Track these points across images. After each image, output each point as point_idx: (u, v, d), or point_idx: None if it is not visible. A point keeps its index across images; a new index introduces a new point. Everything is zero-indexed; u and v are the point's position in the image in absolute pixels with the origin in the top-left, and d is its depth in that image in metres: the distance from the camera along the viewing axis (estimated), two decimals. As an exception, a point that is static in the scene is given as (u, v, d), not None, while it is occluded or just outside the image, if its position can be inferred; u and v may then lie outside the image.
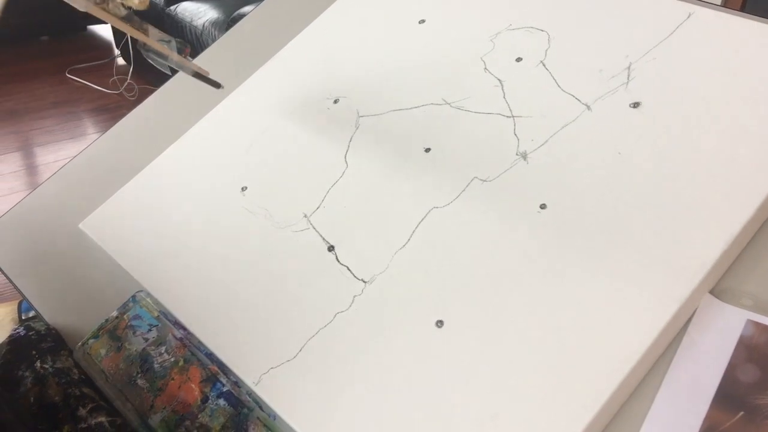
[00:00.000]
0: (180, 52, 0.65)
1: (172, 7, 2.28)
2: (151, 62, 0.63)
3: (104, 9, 0.57)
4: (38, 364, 0.65)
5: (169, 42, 0.64)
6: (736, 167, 0.55)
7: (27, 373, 0.65)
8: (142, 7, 0.60)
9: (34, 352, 0.67)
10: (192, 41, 2.19)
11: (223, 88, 0.68)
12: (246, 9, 1.89)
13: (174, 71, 0.63)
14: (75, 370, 0.66)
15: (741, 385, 0.49)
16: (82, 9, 0.55)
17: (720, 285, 0.54)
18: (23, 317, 1.03)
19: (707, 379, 0.50)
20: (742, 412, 0.48)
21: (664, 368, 0.51)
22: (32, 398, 0.63)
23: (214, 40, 1.98)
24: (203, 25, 2.14)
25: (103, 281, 0.74)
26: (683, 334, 0.52)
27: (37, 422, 0.62)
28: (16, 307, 1.06)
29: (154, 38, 0.63)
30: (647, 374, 0.51)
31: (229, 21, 2.03)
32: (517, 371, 0.52)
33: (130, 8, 0.59)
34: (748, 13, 0.66)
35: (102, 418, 0.61)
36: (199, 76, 0.67)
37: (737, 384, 0.49)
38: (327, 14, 0.87)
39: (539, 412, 0.50)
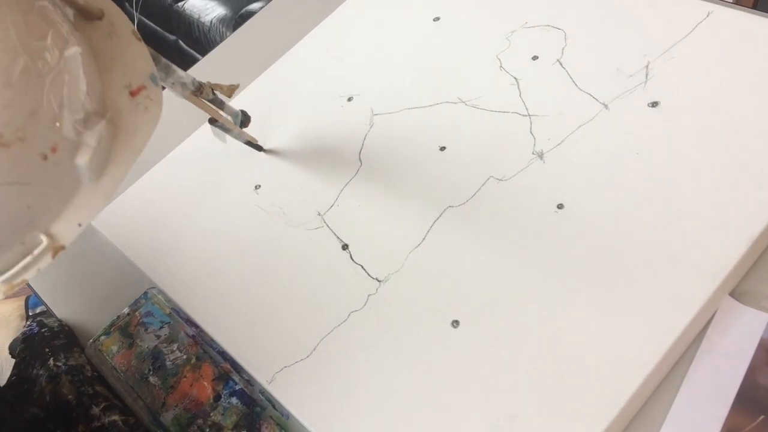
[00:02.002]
0: (243, 125, 0.70)
1: (180, 4, 2.27)
2: (213, 133, 0.68)
3: (198, 97, 0.63)
4: (51, 362, 0.65)
5: (237, 116, 0.69)
6: (757, 167, 0.55)
7: (41, 372, 0.65)
8: (229, 94, 0.66)
9: (47, 350, 0.66)
10: (199, 38, 2.18)
11: (264, 151, 0.74)
12: (254, 6, 1.88)
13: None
14: (88, 367, 0.65)
15: (761, 389, 0.49)
16: (180, 97, 0.61)
17: (740, 287, 0.53)
18: (30, 313, 1.03)
19: (727, 382, 0.49)
20: (762, 416, 0.47)
21: (683, 371, 0.51)
22: (47, 397, 0.63)
23: (221, 37, 1.97)
24: (211, 22, 2.14)
25: (114, 277, 0.73)
26: (703, 336, 0.51)
27: (52, 421, 0.61)
28: (23, 302, 1.06)
29: (228, 113, 0.68)
30: (666, 377, 0.51)
31: (237, 18, 2.03)
32: (535, 372, 0.51)
33: (215, 94, 0.65)
34: (760, 10, 0.65)
35: (115, 417, 0.60)
36: (249, 143, 0.73)
37: (758, 387, 0.49)
38: (340, 11, 0.87)
39: (558, 414, 0.49)
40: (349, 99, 0.75)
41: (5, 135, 0.37)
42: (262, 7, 1.04)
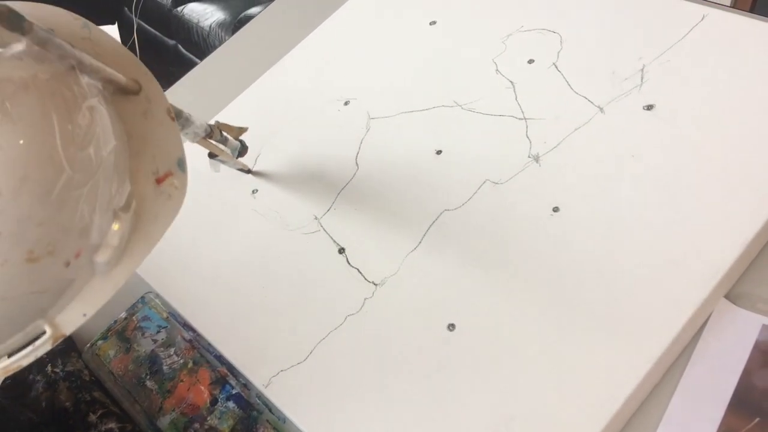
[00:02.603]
0: (239, 155, 0.70)
1: (179, 8, 2.28)
2: (210, 165, 0.69)
3: (208, 140, 0.63)
4: (49, 368, 0.65)
5: (235, 148, 0.69)
6: (752, 170, 0.55)
7: (38, 377, 0.65)
8: (237, 136, 0.67)
9: (44, 356, 0.66)
10: (199, 42, 2.19)
11: (252, 173, 0.75)
12: (253, 10, 1.88)
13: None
14: (86, 372, 0.65)
15: (757, 391, 0.49)
16: (192, 142, 0.61)
17: (735, 290, 0.53)
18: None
19: (722, 384, 0.50)
20: (758, 418, 0.47)
21: (678, 373, 0.51)
22: (44, 403, 0.63)
23: (221, 42, 1.98)
24: (210, 27, 2.14)
25: (111, 282, 0.73)
26: (698, 339, 0.51)
27: (49, 429, 0.61)
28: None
29: (228, 146, 0.68)
30: (662, 379, 0.51)
31: (236, 23, 2.03)
32: (532, 375, 0.51)
33: (222, 134, 0.65)
34: (757, 13, 0.65)
35: (112, 425, 0.60)
36: (242, 170, 0.74)
37: (753, 389, 0.49)
38: (336, 16, 0.87)
39: (554, 416, 0.49)
40: (346, 103, 0.75)
41: (36, 251, 0.36)
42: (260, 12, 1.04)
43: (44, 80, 0.37)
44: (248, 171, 0.74)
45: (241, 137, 0.69)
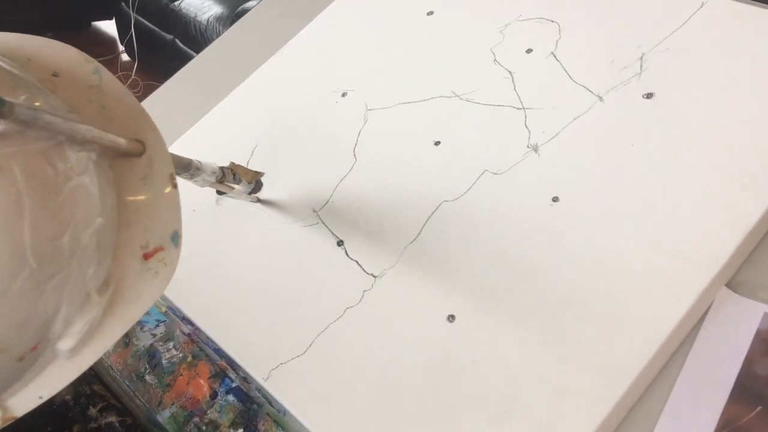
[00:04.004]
0: (253, 191, 0.68)
1: (176, 3, 2.27)
2: (217, 201, 0.67)
3: (220, 183, 0.60)
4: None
5: (249, 187, 0.67)
6: (752, 158, 0.55)
7: None
8: (250, 180, 0.64)
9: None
10: (196, 36, 2.18)
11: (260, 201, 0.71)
12: (250, 3, 1.88)
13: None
14: (85, 366, 0.65)
15: (758, 379, 0.48)
16: (202, 188, 0.59)
17: (736, 278, 0.53)
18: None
19: (724, 373, 0.49)
20: (760, 407, 0.47)
21: (680, 362, 0.50)
22: None
23: (218, 36, 1.97)
24: (207, 21, 2.13)
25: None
26: (699, 327, 0.51)
27: (48, 421, 0.61)
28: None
29: (245, 187, 0.66)
30: (663, 368, 0.50)
31: (233, 16, 2.02)
32: (532, 366, 0.51)
33: (236, 176, 0.63)
34: (760, 1, 0.65)
35: (112, 418, 0.60)
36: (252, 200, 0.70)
37: (755, 377, 0.48)
38: (333, 7, 0.86)
39: (555, 407, 0.49)
40: (344, 94, 0.75)
41: None
42: (257, 4, 1.04)
43: (23, 161, 0.33)
44: (257, 200, 0.70)
45: (258, 178, 0.67)
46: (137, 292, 0.38)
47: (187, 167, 0.53)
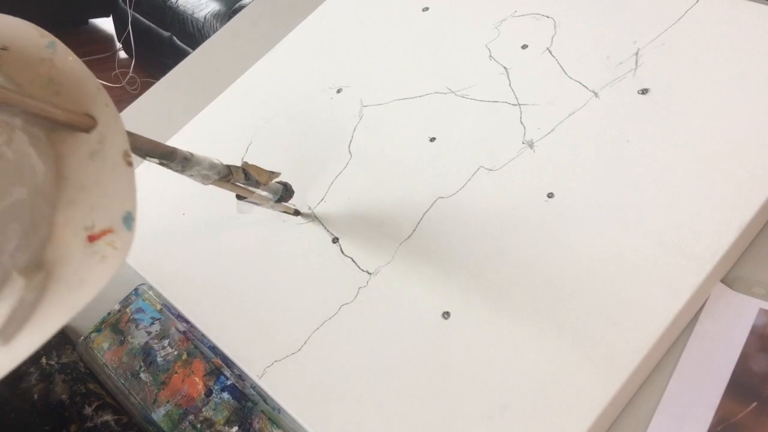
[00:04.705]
0: (281, 200, 0.62)
1: (174, 0, 2.26)
2: (238, 208, 0.60)
3: (227, 182, 0.55)
4: (44, 360, 0.65)
5: (276, 192, 0.61)
6: (747, 153, 0.54)
7: (32, 369, 0.64)
8: (265, 181, 0.58)
9: (39, 348, 0.66)
10: (194, 34, 2.18)
11: (300, 214, 0.67)
12: (247, 0, 1.87)
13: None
14: (80, 363, 0.65)
15: (754, 375, 0.48)
16: (205, 185, 0.54)
17: (732, 274, 0.53)
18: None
19: (719, 369, 0.49)
20: (755, 403, 0.47)
21: (675, 358, 0.50)
22: (36, 395, 0.63)
23: (215, 33, 1.97)
24: (205, 18, 2.13)
25: (105, 275, 0.73)
26: (695, 323, 0.51)
27: (44, 420, 0.61)
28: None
29: (266, 189, 0.60)
30: (659, 364, 0.50)
31: (230, 13, 2.02)
32: (526, 362, 0.51)
33: (250, 177, 0.57)
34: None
35: (108, 417, 0.60)
36: (286, 210, 0.65)
37: (750, 374, 0.48)
38: (329, 3, 0.86)
39: (549, 403, 0.49)
40: (339, 91, 0.75)
41: None
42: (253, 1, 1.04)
43: None
44: (296, 212, 0.66)
45: (284, 181, 0.62)
46: (81, 278, 0.35)
47: (168, 156, 0.49)
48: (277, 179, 0.61)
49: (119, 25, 2.68)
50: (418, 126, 0.68)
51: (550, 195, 0.58)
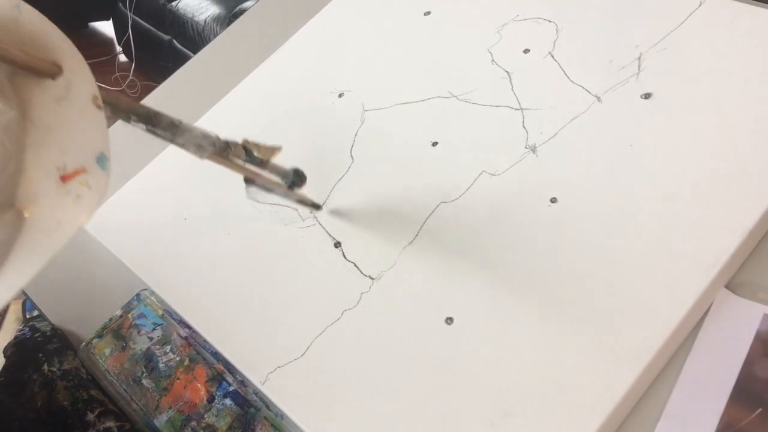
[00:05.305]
0: (293, 186, 0.59)
1: (174, 3, 2.26)
2: (248, 195, 0.57)
3: (225, 157, 0.53)
4: (45, 367, 0.65)
5: (287, 176, 0.58)
6: (751, 158, 0.54)
7: (35, 377, 0.64)
8: (266, 157, 0.56)
9: (40, 355, 0.66)
10: (194, 37, 2.18)
11: (320, 209, 0.65)
12: (248, 4, 1.87)
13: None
14: (82, 370, 0.65)
15: (759, 381, 0.48)
16: (201, 159, 0.52)
17: (736, 279, 0.53)
18: (28, 316, 1.02)
19: (724, 374, 0.49)
20: (760, 409, 0.47)
21: (679, 364, 0.50)
22: (39, 402, 0.62)
23: (215, 36, 1.97)
24: (205, 21, 2.13)
25: (106, 280, 0.73)
26: (699, 329, 0.51)
27: (48, 428, 0.61)
28: (20, 305, 1.05)
29: (274, 172, 0.58)
30: (663, 370, 0.50)
31: (230, 16, 2.02)
32: (530, 368, 0.51)
33: (251, 154, 0.55)
34: (759, 0, 0.65)
35: (110, 423, 0.60)
36: (302, 202, 0.63)
37: (755, 380, 0.48)
38: (330, 7, 0.86)
39: (553, 410, 0.49)
40: (340, 95, 0.75)
41: None
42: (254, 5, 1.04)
43: None
44: (317, 206, 0.64)
45: (295, 166, 0.59)
46: (57, 219, 0.36)
47: (152, 119, 0.47)
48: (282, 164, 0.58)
49: (119, 29, 2.67)
50: (420, 130, 0.68)
51: (553, 200, 0.58)
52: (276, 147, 0.57)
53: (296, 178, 0.59)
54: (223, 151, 0.52)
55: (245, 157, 0.55)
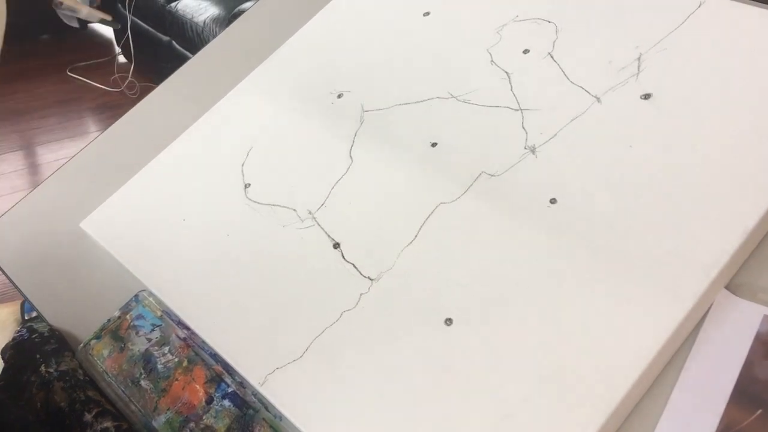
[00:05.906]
0: (92, 3, 0.63)
1: (173, 4, 2.26)
2: (61, 17, 0.62)
3: None
4: (43, 368, 0.64)
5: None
6: (750, 159, 0.54)
7: (33, 378, 0.64)
8: None
9: (38, 356, 0.66)
10: (193, 38, 2.17)
11: (119, 26, 0.66)
12: (247, 5, 1.87)
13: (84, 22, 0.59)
14: (80, 371, 0.65)
15: (758, 383, 0.48)
16: None
17: (735, 280, 0.52)
18: (26, 317, 1.02)
19: (724, 376, 0.49)
20: (760, 410, 0.47)
21: (679, 365, 0.50)
22: (39, 404, 0.62)
23: (215, 37, 1.96)
24: (204, 22, 2.13)
25: (105, 280, 0.73)
26: (699, 330, 0.51)
27: (47, 430, 0.61)
28: (18, 307, 1.05)
29: None
30: (663, 371, 0.50)
31: (230, 17, 2.02)
32: (529, 370, 0.51)
33: None
34: (759, 0, 0.65)
35: (108, 423, 0.60)
36: (103, 21, 0.66)
37: (755, 381, 0.48)
38: (330, 7, 0.86)
39: (553, 412, 0.49)
40: (340, 96, 0.75)
41: None
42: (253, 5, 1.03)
43: None
44: (115, 24, 0.65)
45: None
46: None
47: None
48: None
49: (118, 30, 2.68)
50: (419, 131, 0.68)
51: (553, 200, 0.58)
52: None
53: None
54: None
55: None
